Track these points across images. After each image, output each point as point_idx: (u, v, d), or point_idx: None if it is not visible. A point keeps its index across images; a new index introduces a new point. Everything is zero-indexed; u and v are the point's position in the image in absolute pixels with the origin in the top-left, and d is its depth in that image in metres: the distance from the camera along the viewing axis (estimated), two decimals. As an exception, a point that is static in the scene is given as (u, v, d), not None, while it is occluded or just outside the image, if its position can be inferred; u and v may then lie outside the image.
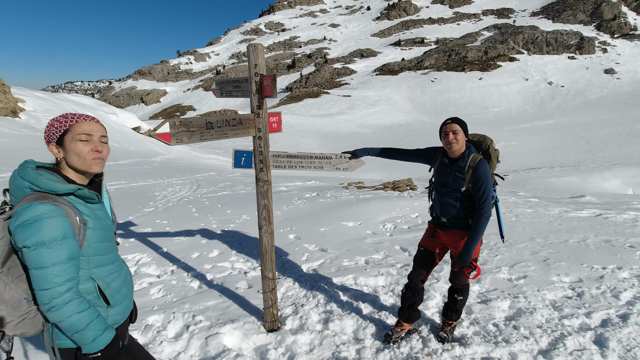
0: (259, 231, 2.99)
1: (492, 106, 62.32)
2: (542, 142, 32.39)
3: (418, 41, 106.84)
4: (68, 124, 1.44)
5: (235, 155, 2.80)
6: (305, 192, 9.70)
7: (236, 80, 2.75)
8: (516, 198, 9.26)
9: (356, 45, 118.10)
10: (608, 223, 6.30)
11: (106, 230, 1.55)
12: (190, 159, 21.73)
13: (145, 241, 5.36)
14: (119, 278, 1.62)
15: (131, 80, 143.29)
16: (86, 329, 1.38)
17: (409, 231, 5.89)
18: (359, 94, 67.11)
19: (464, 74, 75.00)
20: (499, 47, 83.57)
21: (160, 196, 9.10)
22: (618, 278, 4.09)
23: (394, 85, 73.24)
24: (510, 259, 4.67)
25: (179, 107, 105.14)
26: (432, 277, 4.18)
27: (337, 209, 7.12)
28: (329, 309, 3.53)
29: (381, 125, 46.19)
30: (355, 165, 3.01)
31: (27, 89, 27.56)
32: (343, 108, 56.43)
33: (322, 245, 5.21)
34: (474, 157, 2.60)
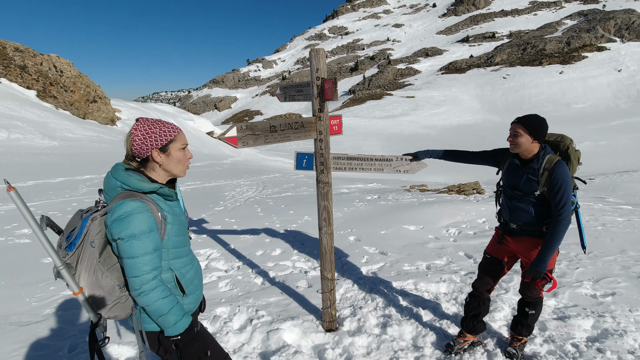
0: (319, 232, 3.05)
1: (575, 102, 56.26)
2: (638, 142, 28.39)
3: (488, 36, 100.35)
4: (174, 134, 1.63)
5: (297, 158, 2.90)
6: (366, 194, 9.66)
7: (299, 85, 2.86)
8: (604, 205, 8.25)
9: (420, 44, 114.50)
10: None
11: (182, 225, 1.72)
12: (257, 161, 22.84)
13: (216, 238, 5.76)
14: (192, 270, 1.78)
15: (206, 88, 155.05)
16: (168, 314, 1.54)
17: (475, 237, 5.56)
18: (423, 95, 64.96)
19: (542, 69, 68.71)
20: (584, 37, 75.20)
21: (229, 196, 9.70)
22: None
23: (460, 84, 69.62)
24: (594, 273, 4.19)
25: (247, 112, 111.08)
26: (500, 287, 3.91)
27: (398, 212, 6.98)
28: (388, 313, 3.48)
29: (446, 126, 44.21)
30: (417, 167, 2.93)
31: (122, 100, 31.48)
32: (406, 109, 55.06)
33: (382, 248, 5.15)
34: (550, 159, 2.37)
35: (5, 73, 23.33)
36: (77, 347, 2.97)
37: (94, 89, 27.29)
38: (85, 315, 3.47)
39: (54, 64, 26.24)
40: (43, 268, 4.61)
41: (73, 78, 26.44)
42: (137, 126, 1.60)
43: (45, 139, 16.94)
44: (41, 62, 25.67)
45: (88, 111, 25.63)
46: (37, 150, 15.19)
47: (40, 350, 2.92)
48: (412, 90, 72.31)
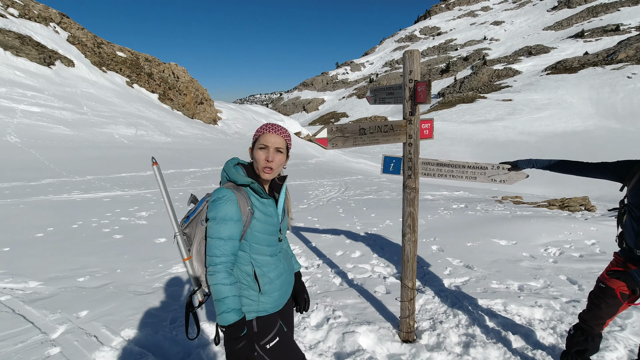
0: (402, 238, 2.98)
1: None
2: None
3: (610, 29, 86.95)
4: (258, 134, 1.78)
5: (385, 161, 2.87)
6: (452, 202, 9.13)
7: (389, 88, 2.83)
8: None
9: (523, 42, 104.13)
10: None
11: (270, 225, 1.77)
12: (340, 162, 23.20)
13: (299, 234, 6.00)
14: (275, 271, 1.81)
15: (296, 91, 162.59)
16: (222, 301, 1.59)
17: (581, 260, 4.87)
18: (522, 98, 59.00)
19: (683, 66, 57.21)
20: None
21: (312, 195, 10.03)
22: None
23: (570, 85, 61.54)
24: None
25: (334, 114, 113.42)
26: (615, 322, 3.36)
27: (487, 224, 6.45)
28: (471, 332, 3.24)
29: (549, 133, 39.47)
30: (516, 178, 2.66)
31: (223, 102, 35.05)
32: (502, 113, 50.61)
33: (467, 262, 4.81)
34: None
35: (137, 80, 27.73)
36: (176, 320, 3.36)
37: (201, 92, 30.82)
38: (184, 293, 3.92)
39: (173, 71, 30.35)
40: (156, 247, 5.35)
41: (186, 83, 30.27)
42: None
43: (162, 136, 19.63)
44: (163, 70, 29.92)
45: (196, 112, 29.03)
46: (156, 145, 17.69)
47: (149, 319, 3.38)
48: (509, 92, 66.16)
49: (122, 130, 18.33)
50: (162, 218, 6.84)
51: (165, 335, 3.11)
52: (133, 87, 26.86)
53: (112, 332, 3.14)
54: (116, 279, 4.20)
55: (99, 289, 3.95)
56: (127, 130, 18.59)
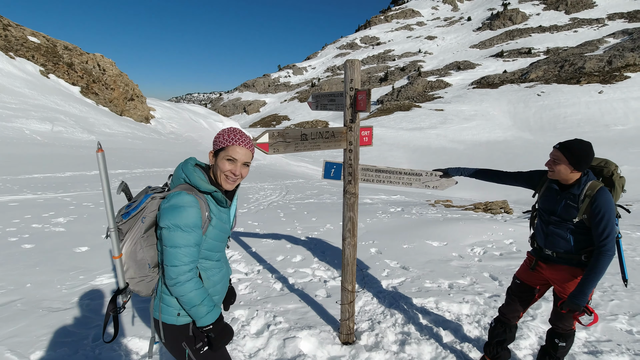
0: (342, 243, 3.03)
1: (614, 124, 53.74)
2: (683, 169, 26.69)
3: (524, 52, 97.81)
4: (226, 144, 1.69)
5: (326, 167, 2.90)
6: (390, 206, 9.54)
7: (331, 94, 2.87)
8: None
9: (453, 57, 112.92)
10: None
11: (222, 232, 1.77)
12: (282, 166, 23.08)
13: (238, 240, 5.83)
14: (218, 274, 1.81)
15: (237, 92, 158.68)
16: (201, 305, 1.62)
17: (501, 258, 5.37)
18: (452, 108, 63.84)
19: (579, 87, 66.12)
20: (627, 56, 71.97)
21: (253, 199, 9.84)
22: None
23: (492, 99, 67.96)
24: (631, 307, 3.94)
25: (275, 116, 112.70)
26: (527, 313, 3.74)
27: (422, 227, 6.84)
28: (407, 330, 3.40)
29: (475, 142, 43.17)
30: (446, 184, 2.87)
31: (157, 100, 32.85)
32: (435, 122, 54.26)
33: (403, 263, 5.05)
34: (593, 185, 2.24)
35: (54, 69, 24.83)
36: (100, 337, 3.06)
37: (132, 88, 28.60)
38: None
39: (98, 63, 27.74)
40: (76, 256, 4.81)
41: (114, 76, 27.86)
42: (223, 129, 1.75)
43: (85, 133, 17.84)
44: (87, 61, 27.20)
45: (125, 108, 26.85)
46: (78, 143, 16.00)
47: (66, 337, 3.03)
48: (441, 103, 71.22)
49: (35, 126, 16.23)
50: (84, 224, 6.19)
51: (86, 355, 2.81)
52: (49, 78, 24.03)
53: (20, 355, 2.75)
54: (26, 295, 3.70)
55: (4, 306, 3.45)
56: (41, 125, 16.49)
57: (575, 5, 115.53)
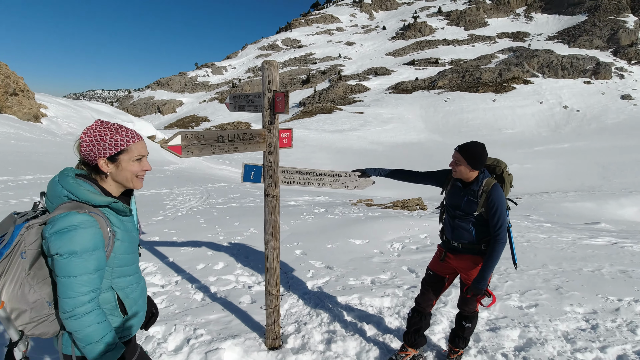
0: (265, 246, 2.97)
1: (505, 128, 61.93)
2: (556, 166, 31.90)
3: (432, 61, 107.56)
4: (126, 144, 1.46)
5: (245, 170, 2.81)
6: (313, 207, 9.67)
7: (249, 96, 2.79)
8: (528, 222, 9.06)
9: (371, 63, 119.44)
10: (624, 252, 6.09)
11: (132, 242, 1.57)
12: (202, 169, 22.01)
13: (152, 250, 5.38)
14: (137, 289, 1.62)
15: (149, 90, 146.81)
16: (99, 342, 1.37)
17: (417, 252, 5.79)
18: (371, 111, 67.51)
19: (478, 95, 74.90)
20: (513, 70, 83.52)
21: (170, 205, 9.19)
22: (635, 311, 3.93)
23: (407, 104, 73.50)
24: (521, 286, 4.53)
25: (194, 117, 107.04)
26: (440, 301, 4.07)
27: (345, 226, 7.06)
28: (333, 328, 3.46)
29: (393, 143, 46.22)
30: (365, 184, 2.99)
31: (50, 96, 28.63)
32: (355, 125, 56.76)
33: (328, 263, 5.15)
34: (488, 182, 2.56)
35: None
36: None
37: (14, 81, 24.52)
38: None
39: (-35, 50, 23.27)
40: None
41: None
42: (89, 129, 1.44)
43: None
44: (-49, 47, 22.67)
45: (6, 105, 22.93)
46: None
47: None
48: (361, 106, 74.80)
49: None
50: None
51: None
52: None
53: None
54: None
55: None
56: None
57: (472, 23, 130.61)
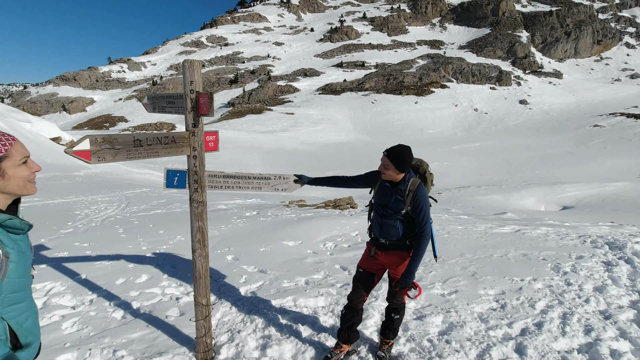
0: (192, 254, 2.81)
1: (426, 128, 66.88)
2: (470, 163, 35.33)
3: (359, 64, 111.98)
4: (3, 150, 1.27)
5: (168, 175, 2.62)
6: (245, 210, 9.44)
7: (170, 96, 2.61)
8: (449, 215, 9.87)
9: (300, 64, 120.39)
10: (525, 238, 6.92)
11: (27, 264, 1.36)
12: (120, 174, 20.14)
13: (60, 267, 4.78)
14: (31, 316, 1.41)
15: (51, 85, 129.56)
16: None
17: (349, 250, 5.96)
18: (302, 112, 68.10)
19: (402, 97, 79.77)
20: (432, 75, 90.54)
21: (81, 215, 8.25)
22: (534, 289, 4.49)
23: (336, 105, 75.49)
24: (443, 275, 4.91)
25: (108, 117, 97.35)
26: (371, 295, 4.24)
27: (278, 228, 7.01)
28: (267, 333, 3.40)
29: (324, 144, 47.13)
30: (294, 186, 2.98)
31: None
32: (286, 125, 56.77)
33: (261, 266, 5.06)
34: (414, 181, 2.73)
35: None
36: None
37: None
38: None
39: None
40: None
41: None
42: None
43: None
44: None
45: None
46: None
47: None
48: (291, 107, 75.03)
49: None
50: None
51: None
52: None
53: None
54: None
55: None
56: None
57: (395, 29, 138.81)
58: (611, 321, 3.74)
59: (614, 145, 44.71)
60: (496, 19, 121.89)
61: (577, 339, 3.42)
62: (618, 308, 4.04)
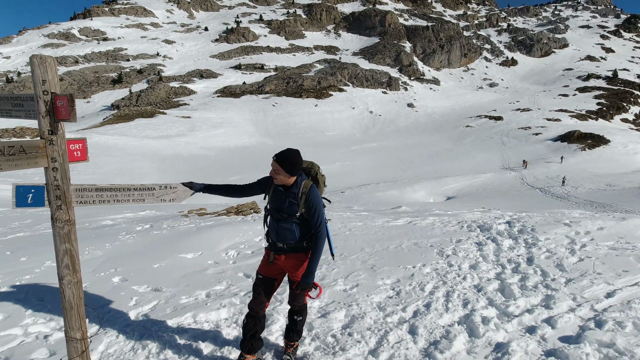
0: (59, 283, 2.39)
1: (327, 130, 69.77)
2: (369, 162, 38.00)
3: (258, 67, 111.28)
4: None
5: (18, 192, 2.14)
6: (136, 224, 8.51)
7: (16, 98, 2.16)
8: (350, 213, 10.41)
9: (194, 65, 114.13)
10: (416, 228, 7.68)
11: None
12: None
13: None
14: None
15: None
16: None
17: (253, 256, 5.83)
18: (199, 115, 64.81)
19: (302, 100, 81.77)
20: (329, 79, 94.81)
21: None
22: (423, 273, 4.98)
23: (236, 108, 73.77)
24: (345, 271, 5.12)
25: (-52, 122, 78.33)
26: (276, 299, 4.20)
27: (174, 241, 6.48)
28: (163, 357, 3.10)
29: (225, 148, 45.61)
30: (183, 195, 2.75)
31: None
32: (183, 130, 53.40)
33: (155, 285, 4.60)
34: (306, 184, 2.77)
35: None
36: None
37: None
38: None
39: None
40: None
41: None
42: None
43: None
44: None
45: None
46: None
47: None
48: (187, 110, 70.79)
49: None
50: None
51: None
52: None
53: None
54: None
55: None
56: None
57: (292, 33, 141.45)
58: (482, 293, 4.36)
59: (482, 142, 53.11)
60: (384, 30, 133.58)
61: (458, 313, 3.90)
62: (487, 280, 4.73)
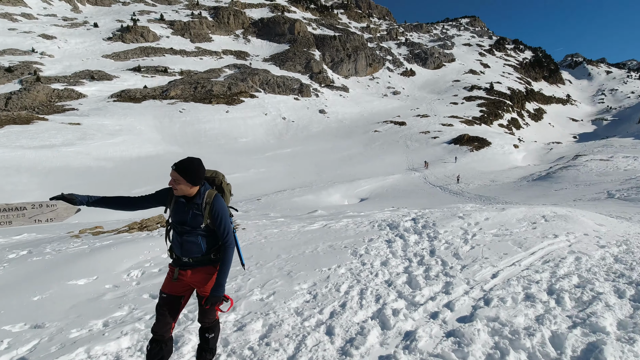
0: None
1: (240, 137, 68.18)
2: (284, 168, 38.10)
3: (161, 70, 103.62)
4: None
5: None
6: (9, 251, 7.14)
7: None
8: (267, 220, 10.25)
9: (83, 65, 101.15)
10: (330, 231, 7.88)
11: None
12: None
13: None
14: None
15: None
16: None
17: (160, 274, 5.34)
18: (92, 122, 57.78)
19: (212, 106, 78.58)
20: (240, 85, 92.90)
21: None
22: (338, 274, 5.12)
23: (137, 114, 67.62)
24: (261, 280, 5.00)
25: None
26: (187, 318, 3.90)
27: (61, 267, 5.58)
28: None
29: (126, 158, 41.48)
30: (65, 214, 2.35)
31: None
32: (71, 138, 47.00)
33: (35, 321, 3.91)
34: (210, 194, 2.62)
35: None
36: None
37: None
38: None
39: None
40: None
41: None
42: None
43: None
44: None
45: None
46: None
47: None
48: (76, 116, 62.43)
49: None
50: None
51: None
52: None
53: None
54: None
55: None
56: None
57: (198, 36, 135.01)
58: (392, 287, 4.64)
59: (389, 146, 57.48)
60: (293, 37, 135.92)
61: (371, 308, 4.08)
62: (396, 275, 5.06)
